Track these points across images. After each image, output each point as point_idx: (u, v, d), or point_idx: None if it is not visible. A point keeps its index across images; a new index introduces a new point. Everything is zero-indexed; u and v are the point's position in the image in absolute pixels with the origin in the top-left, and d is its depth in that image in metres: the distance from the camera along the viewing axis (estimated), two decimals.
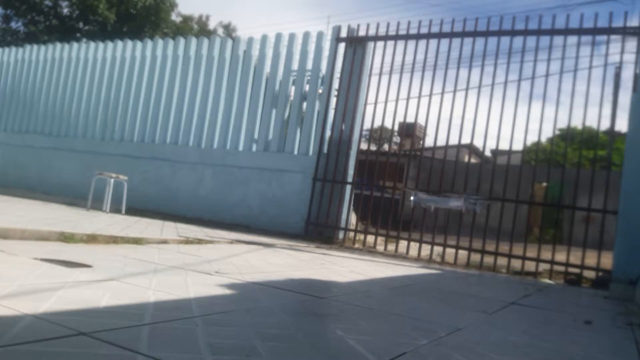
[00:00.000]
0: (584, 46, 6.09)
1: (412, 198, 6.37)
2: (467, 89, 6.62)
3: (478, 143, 24.75)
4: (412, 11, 44.35)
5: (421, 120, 9.86)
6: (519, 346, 2.12)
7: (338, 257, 5.19)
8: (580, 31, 6.09)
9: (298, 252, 5.12)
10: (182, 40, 9.12)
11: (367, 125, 7.63)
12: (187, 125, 8.70)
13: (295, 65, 8.00)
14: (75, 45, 10.46)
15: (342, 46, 7.63)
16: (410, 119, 11.30)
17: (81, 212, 6.55)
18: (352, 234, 7.21)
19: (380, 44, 7.40)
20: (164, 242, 4.36)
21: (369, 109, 7.53)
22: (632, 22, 5.86)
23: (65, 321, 1.56)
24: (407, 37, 7.10)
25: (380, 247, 6.88)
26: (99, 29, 21.41)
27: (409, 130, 16.18)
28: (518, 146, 26.16)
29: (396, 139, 20.97)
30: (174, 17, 25.54)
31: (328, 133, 7.49)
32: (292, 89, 8.03)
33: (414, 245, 6.67)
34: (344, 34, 7.61)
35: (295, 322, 2.03)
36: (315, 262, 4.38)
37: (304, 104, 7.87)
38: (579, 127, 15.07)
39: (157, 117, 9.04)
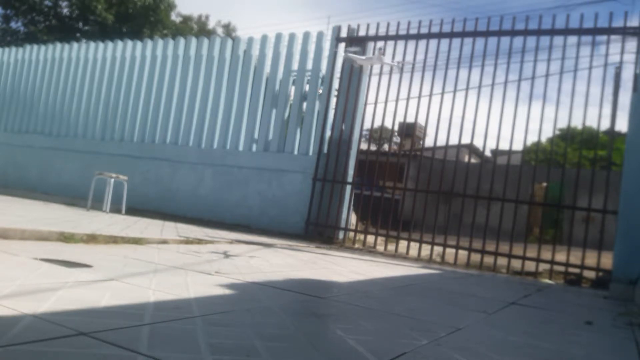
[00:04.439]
0: (584, 46, 6.10)
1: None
2: (467, 89, 6.62)
3: (478, 143, 24.75)
4: (412, 11, 44.37)
5: (421, 120, 9.85)
6: (519, 346, 2.12)
7: (338, 257, 5.19)
8: (580, 31, 6.09)
9: (298, 252, 5.12)
10: (182, 40, 9.12)
11: (367, 125, 7.64)
12: (187, 125, 8.70)
13: (295, 65, 8.00)
14: (75, 45, 10.46)
15: (342, 46, 7.62)
16: (410, 119, 11.29)
17: (81, 212, 6.55)
18: (352, 234, 7.21)
19: (380, 44, 7.40)
20: (164, 242, 4.36)
21: (369, 109, 7.54)
22: (632, 22, 5.86)
23: (65, 321, 1.56)
24: (407, 37, 7.10)
25: (380, 247, 6.88)
26: (98, 29, 21.41)
27: (409, 130, 16.17)
28: (518, 146, 26.18)
29: (396, 139, 20.96)
30: (174, 17, 25.55)
31: (328, 133, 7.49)
32: (292, 89, 8.04)
33: (414, 245, 6.66)
34: (344, 34, 7.61)
35: (295, 322, 2.03)
36: (315, 262, 4.38)
37: (304, 104, 7.87)
38: (579, 127, 15.08)
39: (157, 117, 9.04)
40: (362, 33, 7.51)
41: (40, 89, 10.68)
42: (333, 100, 7.59)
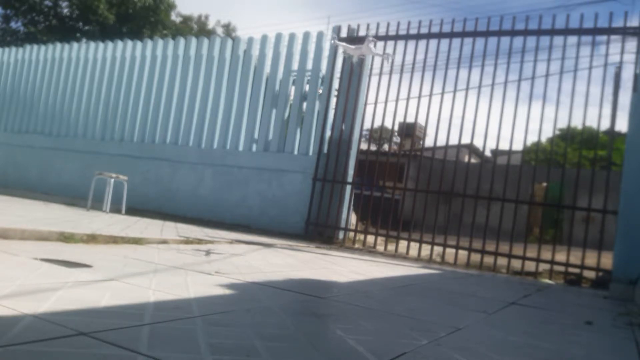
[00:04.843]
0: (584, 46, 6.10)
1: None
2: (467, 89, 6.62)
3: (478, 143, 24.77)
4: (412, 11, 44.39)
5: (421, 120, 9.86)
6: (519, 346, 2.12)
7: (338, 257, 5.19)
8: (580, 31, 6.09)
9: (298, 252, 5.12)
10: (182, 40, 9.12)
11: (367, 125, 7.64)
12: (187, 125, 8.70)
13: (295, 65, 7.99)
14: (75, 45, 10.46)
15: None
16: (410, 119, 11.30)
17: (81, 212, 6.55)
18: (352, 234, 7.21)
19: (380, 44, 7.40)
20: (164, 242, 4.36)
21: (369, 109, 7.55)
22: (632, 22, 5.86)
23: (65, 321, 1.56)
24: (407, 37, 7.11)
25: (380, 247, 6.88)
26: (98, 29, 21.42)
27: (409, 130, 16.18)
28: (518, 146, 26.20)
29: (396, 139, 20.96)
30: (174, 18, 25.58)
31: (328, 133, 7.49)
32: (292, 89, 8.03)
33: (414, 245, 6.66)
34: (344, 34, 7.61)
35: (295, 322, 2.03)
36: (315, 262, 4.38)
37: (304, 104, 7.87)
38: (579, 127, 15.09)
39: (157, 117, 9.04)
40: (362, 33, 7.51)
41: (40, 89, 10.68)
42: (333, 100, 7.59)
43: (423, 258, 6.37)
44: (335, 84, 7.61)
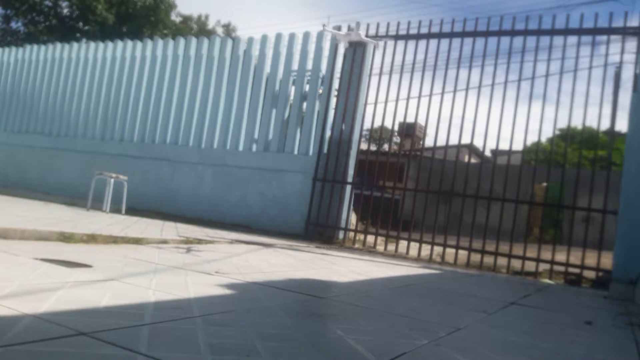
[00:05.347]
0: (584, 46, 6.10)
1: None
2: (467, 89, 6.62)
3: (478, 143, 24.75)
4: (412, 11, 44.39)
5: (421, 120, 9.86)
6: (519, 346, 2.12)
7: (338, 257, 5.19)
8: (580, 31, 6.09)
9: (298, 252, 5.12)
10: (182, 40, 9.12)
11: (367, 125, 7.64)
12: (187, 125, 8.70)
13: (295, 65, 7.99)
14: (75, 45, 10.45)
15: (342, 46, 7.62)
16: (410, 119, 11.30)
17: (81, 212, 6.55)
18: (352, 234, 7.21)
19: (380, 44, 7.40)
20: (164, 242, 4.35)
21: (369, 109, 7.54)
22: (632, 22, 5.87)
23: (65, 321, 1.56)
24: (407, 37, 7.10)
25: (380, 247, 6.88)
26: (98, 29, 21.42)
27: (409, 130, 16.17)
28: (518, 146, 26.17)
29: (396, 139, 20.96)
30: (174, 17, 25.57)
31: (328, 133, 7.49)
32: (292, 89, 8.03)
33: (414, 245, 6.66)
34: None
35: (295, 322, 2.03)
36: (315, 262, 4.38)
37: (304, 104, 7.87)
38: (579, 127, 15.09)
39: (157, 117, 9.04)
40: (361, 33, 7.50)
41: (40, 89, 10.68)
42: (333, 100, 7.59)
43: (423, 258, 6.37)
44: (335, 84, 7.61)
